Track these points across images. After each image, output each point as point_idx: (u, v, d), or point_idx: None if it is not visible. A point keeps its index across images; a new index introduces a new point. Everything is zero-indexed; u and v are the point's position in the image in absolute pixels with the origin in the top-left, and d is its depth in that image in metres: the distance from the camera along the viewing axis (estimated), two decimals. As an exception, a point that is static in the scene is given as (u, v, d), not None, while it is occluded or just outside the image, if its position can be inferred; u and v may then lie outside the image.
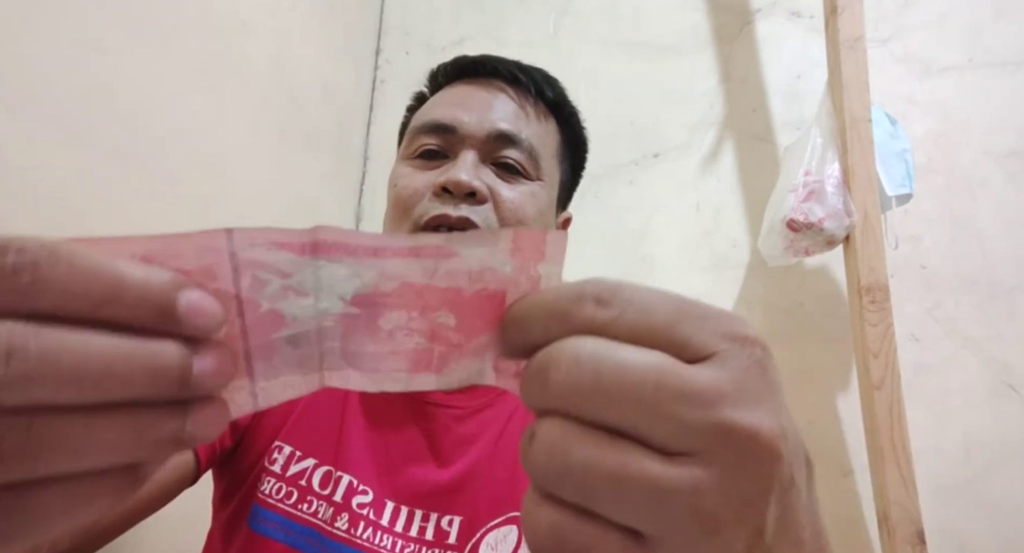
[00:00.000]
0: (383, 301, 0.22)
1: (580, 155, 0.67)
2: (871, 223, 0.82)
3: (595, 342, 0.19)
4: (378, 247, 0.21)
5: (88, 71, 0.67)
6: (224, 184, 0.88)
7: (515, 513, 0.51)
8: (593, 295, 0.20)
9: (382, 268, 0.21)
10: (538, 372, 0.20)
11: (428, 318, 0.22)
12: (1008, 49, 1.01)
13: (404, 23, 1.33)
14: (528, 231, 0.22)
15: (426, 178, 0.56)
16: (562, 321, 0.20)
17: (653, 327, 0.19)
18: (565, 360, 0.19)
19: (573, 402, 0.19)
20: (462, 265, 0.22)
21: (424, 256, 0.21)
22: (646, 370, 0.18)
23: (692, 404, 0.18)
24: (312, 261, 0.21)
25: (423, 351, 0.23)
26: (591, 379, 0.18)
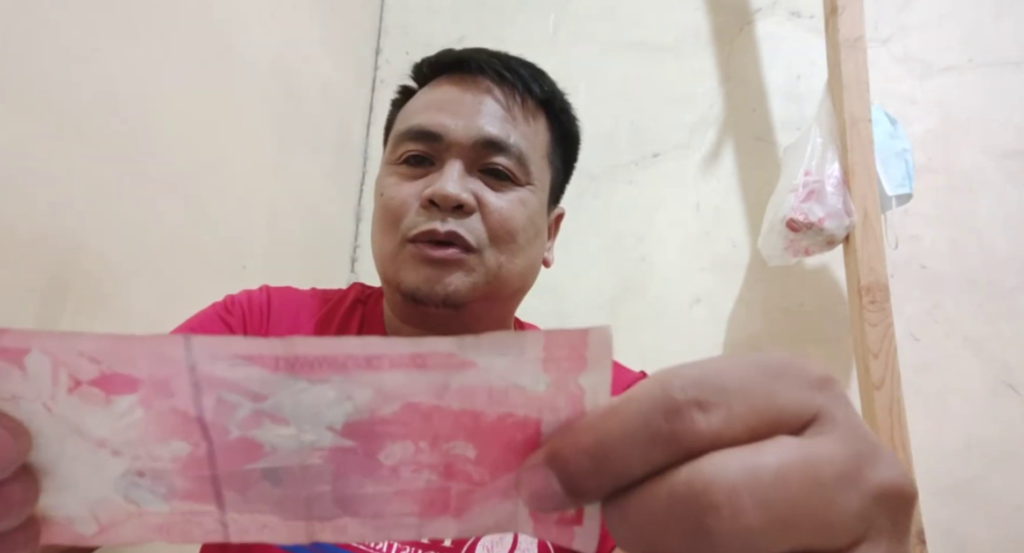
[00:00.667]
0: (383, 430, 0.18)
1: (572, 150, 0.65)
2: (871, 223, 0.82)
3: (735, 461, 0.16)
4: (372, 356, 0.17)
5: (88, 71, 0.67)
6: (224, 184, 0.88)
7: None
8: (690, 400, 0.16)
9: (379, 384, 0.17)
10: (678, 522, 0.15)
11: (441, 450, 0.18)
12: (1008, 49, 1.01)
13: (404, 23, 1.33)
14: (564, 335, 0.17)
15: (413, 188, 0.55)
16: (668, 444, 0.16)
17: (761, 413, 0.17)
18: (722, 498, 0.15)
19: (744, 547, 0.15)
20: (480, 380, 0.18)
21: (431, 367, 0.17)
22: (796, 472, 0.16)
23: (847, 486, 0.16)
24: (290, 380, 0.17)
25: (437, 490, 0.19)
26: (759, 513, 0.15)
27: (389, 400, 0.18)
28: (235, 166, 0.90)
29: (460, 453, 0.18)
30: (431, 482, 0.19)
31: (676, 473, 0.16)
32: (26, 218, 0.60)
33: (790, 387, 0.17)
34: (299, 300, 0.62)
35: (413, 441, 0.18)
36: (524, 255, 0.57)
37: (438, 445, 0.18)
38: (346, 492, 0.18)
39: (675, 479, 0.16)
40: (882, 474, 0.17)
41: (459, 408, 0.18)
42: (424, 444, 0.18)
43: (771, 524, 0.15)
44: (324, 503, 0.18)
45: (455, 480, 0.19)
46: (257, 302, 0.59)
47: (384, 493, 0.19)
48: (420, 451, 0.18)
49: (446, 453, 0.18)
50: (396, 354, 0.17)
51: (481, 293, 0.54)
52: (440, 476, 0.19)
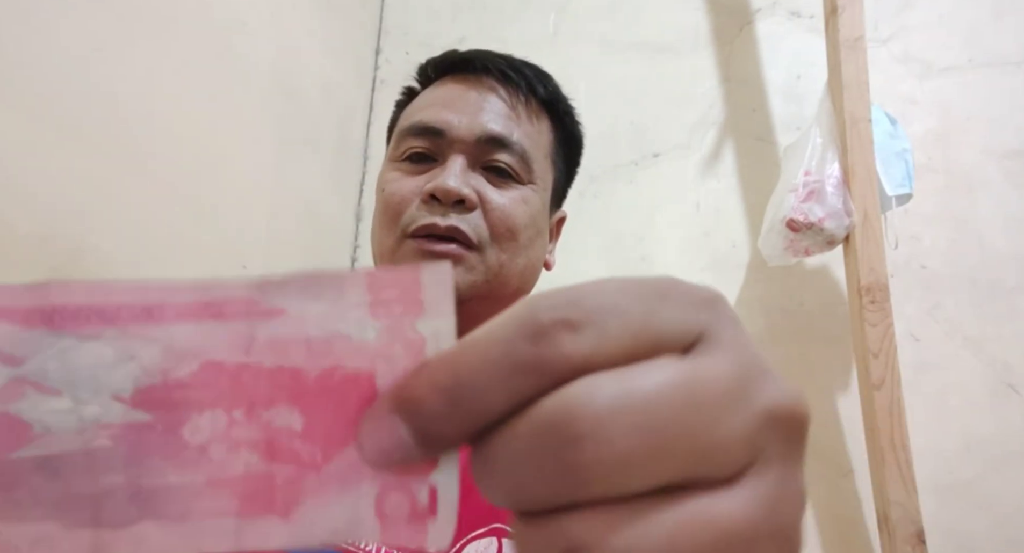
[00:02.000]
0: (183, 396, 0.14)
1: (574, 153, 0.66)
2: (871, 223, 0.82)
3: (604, 386, 0.14)
4: (150, 306, 0.14)
5: (88, 71, 0.67)
6: (224, 184, 0.88)
7: (497, 524, 0.50)
8: (557, 320, 0.14)
9: (167, 339, 0.14)
10: (542, 459, 0.14)
11: (260, 420, 0.15)
12: (1008, 49, 1.01)
13: (404, 23, 1.33)
14: (391, 274, 0.15)
15: (414, 184, 0.54)
16: (532, 371, 0.14)
17: (638, 334, 0.15)
18: (586, 427, 0.13)
19: (616, 481, 0.14)
20: (293, 329, 0.15)
21: (229, 317, 0.14)
22: (675, 394, 0.14)
23: (731, 407, 0.14)
24: (51, 337, 0.14)
25: (259, 477, 0.15)
26: (630, 441, 0.13)
27: (183, 358, 0.14)
28: (235, 166, 0.90)
29: (284, 424, 0.15)
30: (251, 465, 0.15)
31: (539, 404, 0.14)
32: (26, 218, 0.60)
33: (672, 307, 0.15)
34: None
35: (224, 409, 0.15)
36: (525, 254, 0.56)
37: (255, 414, 0.15)
38: (144, 483, 0.14)
39: (537, 411, 0.14)
40: (771, 395, 0.15)
41: (273, 365, 0.15)
42: (238, 413, 0.15)
43: (644, 453, 0.13)
44: (117, 501, 0.14)
45: (280, 462, 0.15)
46: None
47: (193, 483, 0.14)
48: (234, 423, 0.15)
49: (267, 425, 0.15)
50: (181, 302, 0.14)
51: (480, 292, 0.53)
52: (262, 456, 0.15)
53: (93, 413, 0.14)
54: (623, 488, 0.14)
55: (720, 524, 0.14)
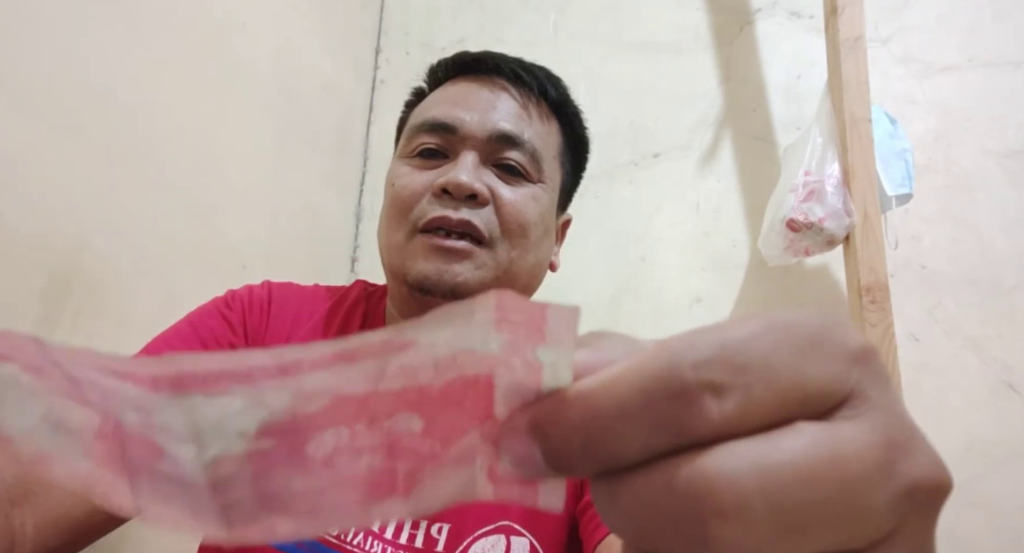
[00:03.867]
0: (308, 424, 0.15)
1: (581, 156, 0.66)
2: (871, 223, 0.82)
3: (747, 458, 0.13)
4: (285, 365, 0.14)
5: (88, 71, 0.67)
6: (224, 184, 0.88)
7: (505, 522, 0.50)
8: (703, 383, 0.14)
9: (298, 388, 0.15)
10: (676, 521, 0.14)
11: (382, 429, 0.16)
12: (1008, 49, 1.01)
13: (404, 23, 1.33)
14: (518, 301, 0.15)
15: (425, 178, 0.54)
16: (670, 431, 0.14)
17: (785, 395, 0.14)
18: (730, 502, 0.13)
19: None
20: (423, 356, 0.15)
21: (361, 358, 0.15)
22: (821, 470, 0.13)
23: (876, 482, 0.14)
24: (177, 399, 0.14)
25: (381, 472, 0.16)
26: (772, 522, 0.13)
27: (313, 398, 0.15)
28: (235, 166, 0.90)
29: (404, 428, 0.16)
30: (373, 466, 0.16)
31: (677, 466, 0.14)
32: (27, 218, 0.60)
33: (824, 361, 0.15)
34: (301, 295, 0.62)
35: (348, 426, 0.15)
36: (534, 252, 0.57)
37: (378, 425, 0.16)
38: (270, 491, 0.15)
39: (676, 473, 0.14)
40: (917, 466, 0.15)
41: (400, 387, 0.15)
42: (361, 426, 0.16)
43: (785, 532, 0.13)
44: (245, 507, 0.15)
45: (401, 459, 0.16)
46: (258, 297, 0.59)
47: (318, 486, 0.15)
48: (356, 435, 0.16)
49: (388, 432, 0.16)
50: (317, 356, 0.15)
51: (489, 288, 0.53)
52: (384, 457, 0.16)
53: (215, 452, 0.15)
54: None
55: None
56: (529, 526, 0.50)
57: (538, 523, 0.51)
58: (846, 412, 0.15)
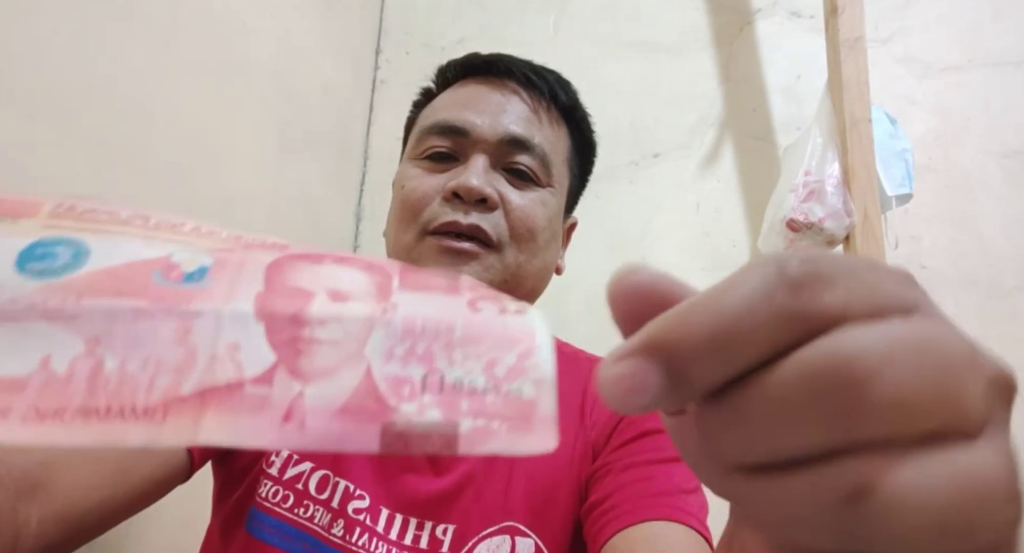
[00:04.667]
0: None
1: (588, 160, 0.66)
2: (871, 223, 0.82)
3: (876, 333, 0.14)
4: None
5: (88, 70, 0.67)
6: (224, 184, 0.88)
7: (509, 523, 0.50)
8: (811, 274, 0.15)
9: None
10: (822, 401, 0.14)
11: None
12: (1008, 49, 1.01)
13: (404, 23, 1.33)
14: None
15: (436, 181, 0.54)
16: (795, 319, 0.15)
17: (877, 295, 0.15)
18: (876, 364, 0.14)
19: (897, 423, 0.14)
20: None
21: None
22: (935, 347, 0.15)
23: (972, 367, 0.15)
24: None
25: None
26: (912, 383, 0.14)
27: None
28: (235, 166, 0.91)
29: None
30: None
31: (810, 350, 0.14)
32: (26, 218, 0.60)
33: (889, 279, 0.16)
34: None
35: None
36: (541, 256, 0.57)
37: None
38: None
39: (810, 355, 0.14)
40: (992, 362, 0.16)
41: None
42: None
43: (922, 397, 0.14)
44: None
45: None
46: None
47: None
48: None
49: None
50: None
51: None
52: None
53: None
54: (903, 430, 0.14)
55: (984, 474, 0.14)
56: (534, 527, 0.51)
57: (543, 524, 0.51)
58: (912, 313, 0.16)
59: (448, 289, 0.19)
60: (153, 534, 0.72)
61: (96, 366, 0.16)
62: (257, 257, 0.18)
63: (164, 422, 0.16)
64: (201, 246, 0.18)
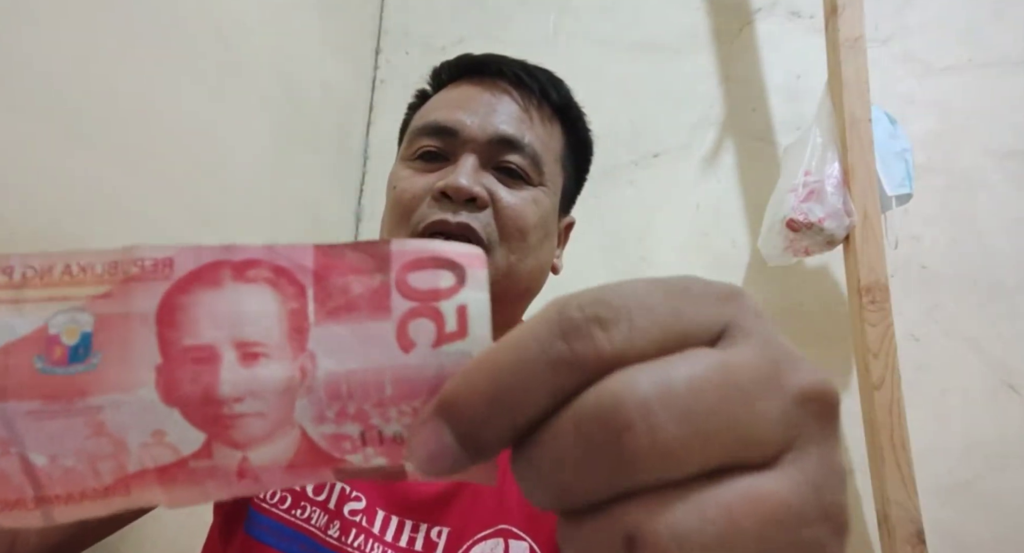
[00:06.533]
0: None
1: (584, 159, 0.66)
2: (871, 223, 0.82)
3: (644, 375, 0.14)
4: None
5: (88, 71, 0.67)
6: (224, 184, 0.88)
7: (503, 525, 0.50)
8: (588, 317, 0.15)
9: None
10: (591, 451, 0.14)
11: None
12: (1008, 49, 1.01)
13: (404, 23, 1.33)
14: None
15: (425, 181, 0.54)
16: (569, 368, 0.15)
17: (666, 328, 0.15)
18: (634, 414, 0.14)
19: (667, 466, 0.14)
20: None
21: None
22: (712, 380, 0.15)
23: (766, 391, 0.15)
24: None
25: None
26: (678, 426, 0.14)
27: None
28: (235, 165, 0.90)
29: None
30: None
31: (581, 398, 0.14)
32: (26, 218, 0.60)
33: (695, 302, 0.16)
34: None
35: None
36: (534, 256, 0.57)
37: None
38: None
39: (581, 404, 0.14)
40: (802, 377, 0.16)
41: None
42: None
43: (691, 437, 0.14)
44: None
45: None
46: None
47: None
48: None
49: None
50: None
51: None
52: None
53: None
54: (674, 473, 0.14)
55: (769, 503, 0.14)
56: (528, 529, 0.51)
57: (537, 526, 0.51)
58: (727, 340, 0.16)
59: (373, 307, 0.16)
60: (152, 535, 0.72)
61: (24, 464, 0.15)
62: (140, 303, 0.16)
63: (129, 495, 0.16)
64: (77, 296, 0.16)
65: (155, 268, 0.16)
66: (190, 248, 0.17)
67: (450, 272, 0.17)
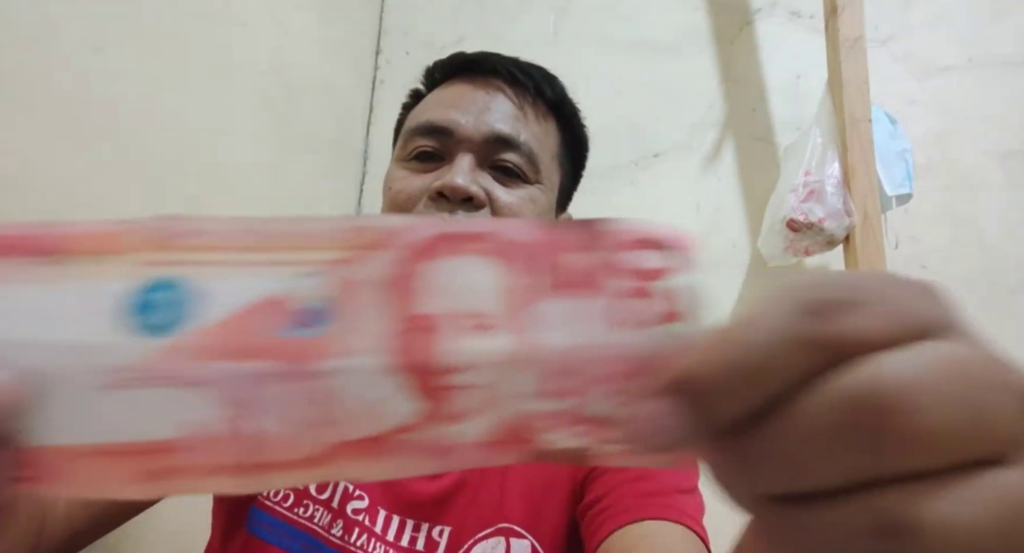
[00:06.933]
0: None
1: (580, 155, 0.66)
2: (871, 223, 0.82)
3: (899, 361, 0.14)
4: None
5: (88, 71, 0.67)
6: (224, 184, 0.88)
7: (504, 524, 0.50)
8: (839, 300, 0.15)
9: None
10: (845, 433, 0.14)
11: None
12: (1008, 49, 1.01)
13: (404, 23, 1.33)
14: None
15: (421, 182, 0.54)
16: (821, 347, 0.14)
17: (905, 318, 0.15)
18: (898, 397, 0.14)
19: (930, 453, 0.14)
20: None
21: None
22: (957, 372, 0.14)
23: (1003, 388, 0.15)
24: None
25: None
26: (945, 412, 0.14)
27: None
28: (235, 166, 0.91)
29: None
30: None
31: (834, 379, 0.14)
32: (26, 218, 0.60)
33: (922, 297, 0.16)
34: None
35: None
36: None
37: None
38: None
39: (840, 385, 0.14)
40: (1021, 380, 0.15)
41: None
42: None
43: (954, 426, 0.14)
44: None
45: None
46: None
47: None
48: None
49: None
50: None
51: None
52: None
53: None
54: (937, 460, 0.14)
55: (1020, 497, 0.14)
56: (529, 528, 0.51)
57: (539, 524, 0.51)
58: (955, 337, 0.15)
59: (590, 285, 0.17)
60: (152, 535, 0.72)
61: (234, 429, 0.15)
62: (371, 271, 0.16)
63: (336, 464, 0.16)
64: (310, 261, 0.17)
65: (389, 237, 0.17)
66: (421, 220, 0.17)
67: (661, 253, 0.17)
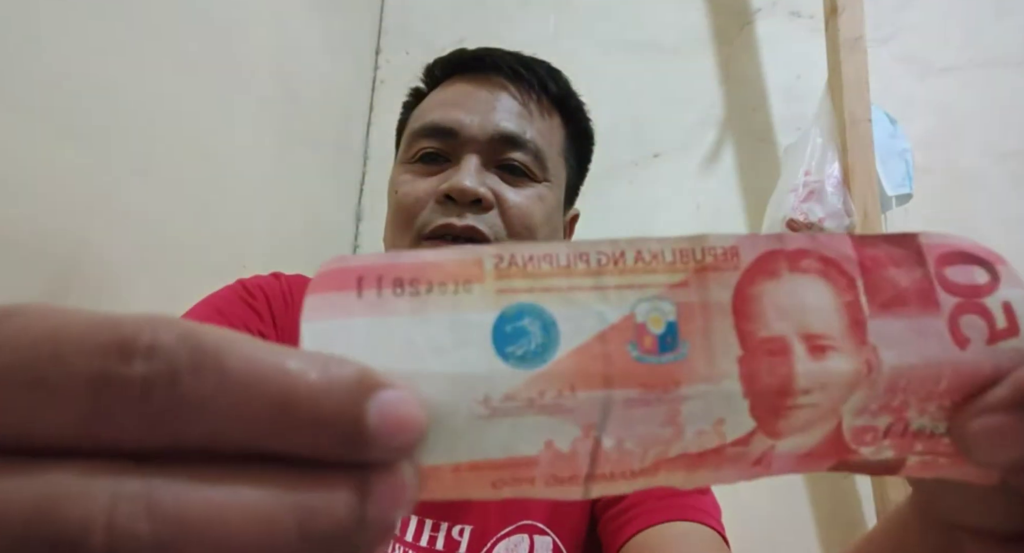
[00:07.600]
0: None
1: (586, 149, 0.65)
2: (871, 223, 0.82)
3: None
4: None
5: (88, 71, 0.67)
6: (224, 184, 0.88)
7: (527, 521, 0.50)
8: None
9: None
10: None
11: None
12: (1008, 49, 1.01)
13: (404, 23, 1.33)
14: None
15: (428, 185, 0.53)
16: None
17: None
18: None
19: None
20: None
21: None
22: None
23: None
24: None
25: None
26: None
27: None
28: (235, 166, 0.91)
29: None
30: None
31: None
32: (27, 218, 0.60)
33: None
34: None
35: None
36: None
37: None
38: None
39: None
40: None
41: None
42: None
43: None
44: None
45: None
46: (278, 288, 0.58)
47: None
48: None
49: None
50: None
51: None
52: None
53: None
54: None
55: None
56: (552, 525, 0.50)
57: (561, 521, 0.50)
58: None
59: (922, 301, 0.17)
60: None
61: (595, 446, 0.16)
62: (715, 293, 0.17)
63: (656, 476, 0.16)
64: (653, 284, 0.17)
65: (725, 257, 0.17)
66: (749, 237, 0.17)
67: (982, 268, 0.17)
